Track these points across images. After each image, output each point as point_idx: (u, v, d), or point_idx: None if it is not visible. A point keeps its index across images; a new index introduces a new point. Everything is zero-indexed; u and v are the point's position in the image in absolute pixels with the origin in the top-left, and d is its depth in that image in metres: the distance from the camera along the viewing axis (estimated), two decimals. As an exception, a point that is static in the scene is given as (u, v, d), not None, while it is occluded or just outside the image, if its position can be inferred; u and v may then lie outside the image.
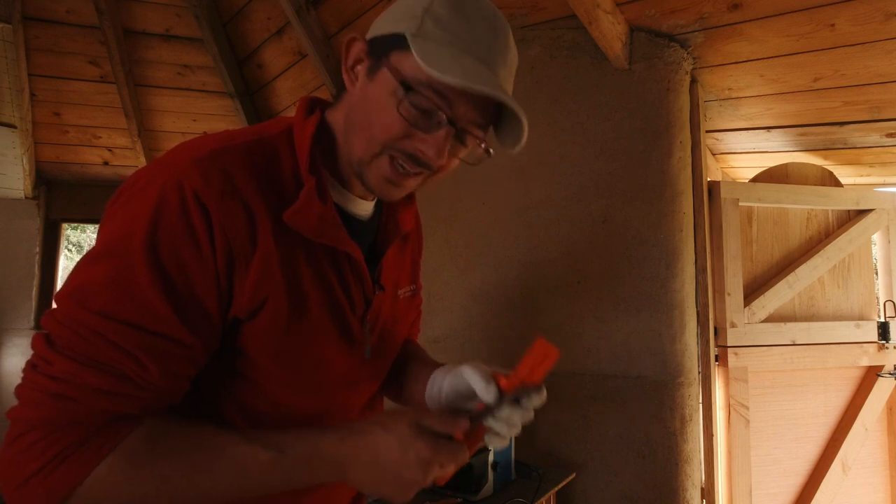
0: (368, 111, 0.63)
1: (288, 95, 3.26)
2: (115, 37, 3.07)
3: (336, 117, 0.70)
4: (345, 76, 0.66)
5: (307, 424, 0.68)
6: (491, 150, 0.68)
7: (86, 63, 3.23)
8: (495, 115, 0.66)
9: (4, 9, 2.37)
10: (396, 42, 0.61)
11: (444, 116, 0.61)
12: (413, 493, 0.60)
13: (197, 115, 3.59)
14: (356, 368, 0.75)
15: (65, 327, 0.54)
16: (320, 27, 2.76)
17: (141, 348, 0.54)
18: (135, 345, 0.54)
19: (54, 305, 0.57)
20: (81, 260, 0.57)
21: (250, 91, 3.44)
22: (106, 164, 3.79)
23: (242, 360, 0.64)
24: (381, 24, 0.65)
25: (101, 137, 3.63)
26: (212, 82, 3.41)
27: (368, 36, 0.66)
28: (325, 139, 0.69)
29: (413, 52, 0.58)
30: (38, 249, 3.76)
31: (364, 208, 0.75)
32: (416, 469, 0.58)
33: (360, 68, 0.65)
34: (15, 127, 2.96)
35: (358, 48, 0.65)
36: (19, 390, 0.54)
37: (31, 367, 0.54)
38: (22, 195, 3.73)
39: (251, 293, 0.60)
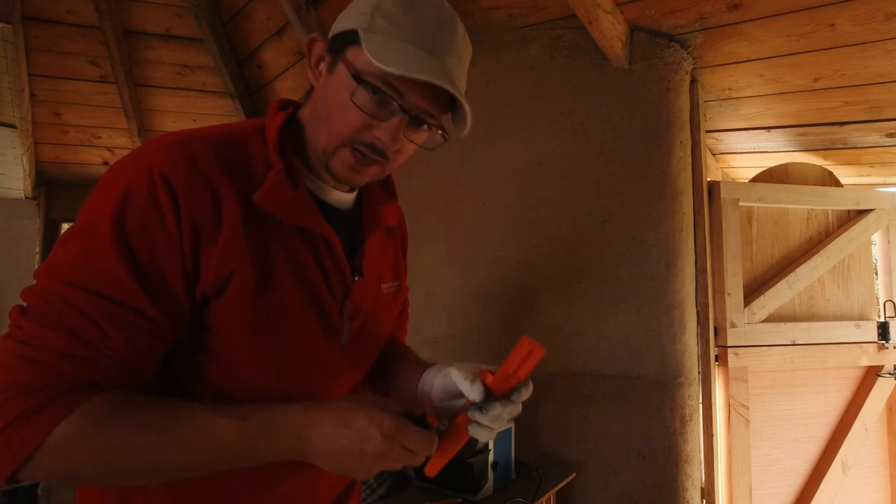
0: (329, 106, 0.68)
1: (288, 95, 3.25)
2: (115, 37, 3.07)
3: (305, 113, 0.75)
4: (310, 75, 0.71)
5: None
6: (448, 136, 0.72)
7: (86, 63, 3.23)
8: (450, 104, 0.71)
9: (4, 9, 2.37)
10: (351, 38, 0.66)
11: (397, 105, 0.66)
12: (376, 471, 0.61)
13: (197, 115, 3.59)
14: (334, 356, 0.75)
15: (37, 296, 0.57)
16: (320, 27, 2.76)
17: (104, 316, 0.57)
18: (99, 312, 0.56)
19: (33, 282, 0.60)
20: (58, 241, 0.61)
21: (250, 91, 3.44)
22: (106, 164, 3.79)
23: (216, 341, 0.66)
24: (339, 23, 0.69)
25: (101, 137, 3.62)
26: (212, 82, 3.41)
27: (329, 35, 0.71)
28: (296, 133, 0.74)
29: (362, 45, 0.63)
30: (38, 249, 3.76)
31: (340, 198, 0.77)
32: (378, 442, 0.59)
33: (323, 66, 0.70)
34: (15, 127, 2.96)
35: (319, 47, 0.70)
36: None
37: (6, 336, 0.57)
38: (22, 195, 3.73)
39: (216, 268, 0.62)
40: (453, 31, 0.69)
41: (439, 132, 0.72)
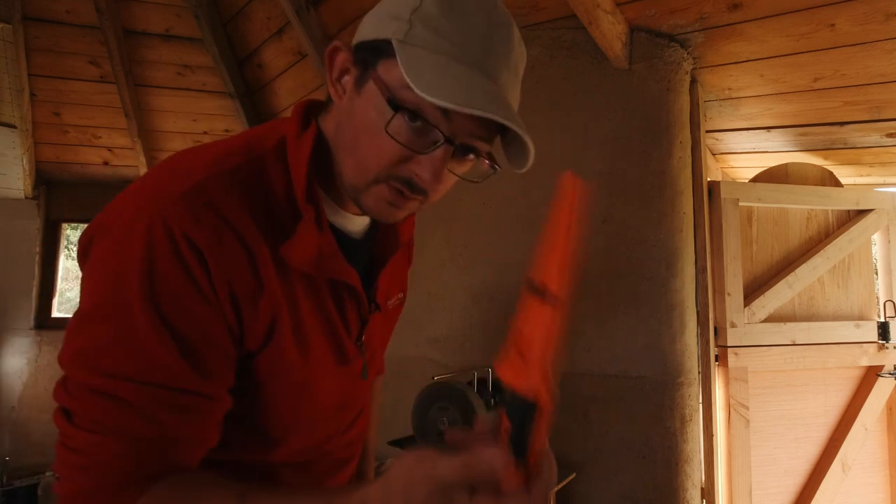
0: (357, 131, 0.56)
1: (288, 95, 3.26)
2: (115, 37, 3.08)
3: (327, 128, 0.62)
4: (331, 89, 0.59)
5: (295, 457, 0.67)
6: (497, 166, 0.60)
7: (86, 63, 3.23)
8: (501, 126, 0.56)
9: (4, 9, 2.37)
10: (383, 49, 0.53)
11: (441, 134, 0.53)
12: None
13: (197, 115, 3.59)
14: (350, 390, 0.72)
15: (77, 398, 0.51)
16: (320, 27, 2.76)
17: (158, 406, 0.51)
18: (151, 403, 0.50)
19: (62, 372, 0.53)
20: (77, 320, 0.52)
21: (250, 91, 3.44)
22: (106, 164, 3.79)
23: (253, 392, 0.61)
24: (366, 28, 0.57)
25: (101, 137, 3.63)
26: (212, 82, 3.41)
27: (354, 41, 0.59)
28: (320, 153, 0.62)
29: (398, 61, 0.50)
30: (38, 249, 3.77)
31: (359, 224, 0.69)
32: (422, 485, 0.42)
33: (348, 79, 0.58)
34: (15, 127, 2.96)
35: (343, 58, 0.58)
36: (55, 468, 0.52)
37: (59, 444, 0.52)
38: (22, 195, 3.73)
39: (261, 329, 0.57)
40: (508, 39, 0.55)
41: (487, 161, 0.59)
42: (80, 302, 0.53)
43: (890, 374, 2.15)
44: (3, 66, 2.59)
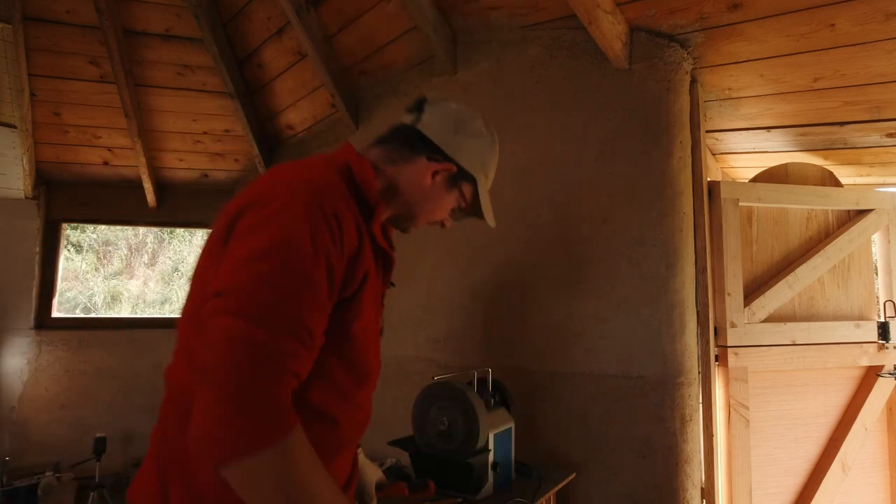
0: (436, 205, 1.03)
1: (288, 95, 3.26)
2: (115, 37, 3.07)
3: (387, 169, 0.99)
4: (426, 172, 1.00)
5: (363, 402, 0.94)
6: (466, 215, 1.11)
7: (86, 63, 3.23)
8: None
9: (4, 9, 2.37)
10: (469, 179, 1.04)
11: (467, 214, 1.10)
12: None
13: (197, 115, 3.59)
14: (379, 351, 0.99)
15: (262, 305, 0.70)
16: (320, 27, 2.76)
17: (316, 313, 0.76)
18: (312, 308, 0.74)
19: (226, 295, 0.72)
20: (253, 255, 0.73)
21: (250, 91, 3.44)
22: (106, 164, 3.79)
23: (345, 335, 0.86)
24: (463, 148, 1.02)
25: (101, 137, 3.63)
26: (212, 82, 3.42)
27: (451, 153, 1.01)
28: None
29: (480, 201, 1.06)
30: (38, 249, 3.76)
31: None
32: None
33: (440, 178, 1.01)
34: (15, 127, 2.96)
35: (452, 171, 1.01)
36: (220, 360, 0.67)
37: (231, 341, 0.68)
38: (22, 195, 3.73)
39: (358, 279, 0.83)
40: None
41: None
42: (255, 238, 0.75)
43: (890, 374, 2.15)
44: (3, 66, 2.59)
